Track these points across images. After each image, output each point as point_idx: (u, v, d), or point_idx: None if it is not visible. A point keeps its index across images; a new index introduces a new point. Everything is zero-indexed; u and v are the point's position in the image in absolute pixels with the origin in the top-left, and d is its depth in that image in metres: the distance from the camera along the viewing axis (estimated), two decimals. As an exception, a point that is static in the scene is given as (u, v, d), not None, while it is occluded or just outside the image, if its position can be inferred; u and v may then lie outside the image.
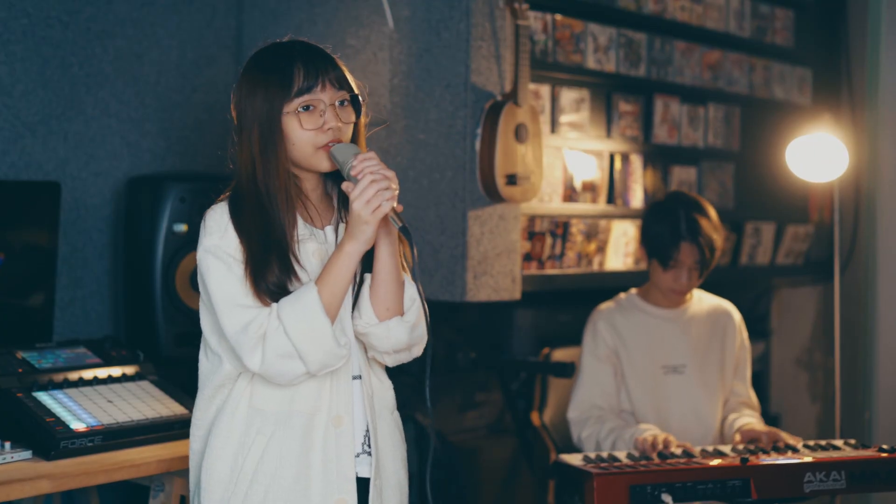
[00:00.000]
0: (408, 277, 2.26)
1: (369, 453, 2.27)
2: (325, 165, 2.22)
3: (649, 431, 3.16)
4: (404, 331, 2.23)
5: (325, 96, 2.20)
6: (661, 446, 3.06)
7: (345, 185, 2.17)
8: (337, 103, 2.22)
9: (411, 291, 2.24)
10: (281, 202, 2.19)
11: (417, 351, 2.30)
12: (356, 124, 2.27)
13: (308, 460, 2.20)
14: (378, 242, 2.20)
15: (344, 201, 2.28)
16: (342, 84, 2.23)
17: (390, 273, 2.20)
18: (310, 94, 2.19)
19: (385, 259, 2.20)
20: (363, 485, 2.25)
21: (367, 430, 2.27)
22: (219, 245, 2.20)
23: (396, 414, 2.38)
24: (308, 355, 2.15)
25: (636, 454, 3.05)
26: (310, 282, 2.17)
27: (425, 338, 2.30)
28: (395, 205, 2.14)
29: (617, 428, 3.26)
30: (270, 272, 2.17)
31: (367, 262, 2.24)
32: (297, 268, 2.20)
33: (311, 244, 2.25)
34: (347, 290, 2.19)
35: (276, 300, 2.17)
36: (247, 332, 2.15)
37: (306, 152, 2.21)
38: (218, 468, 2.24)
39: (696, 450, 3.08)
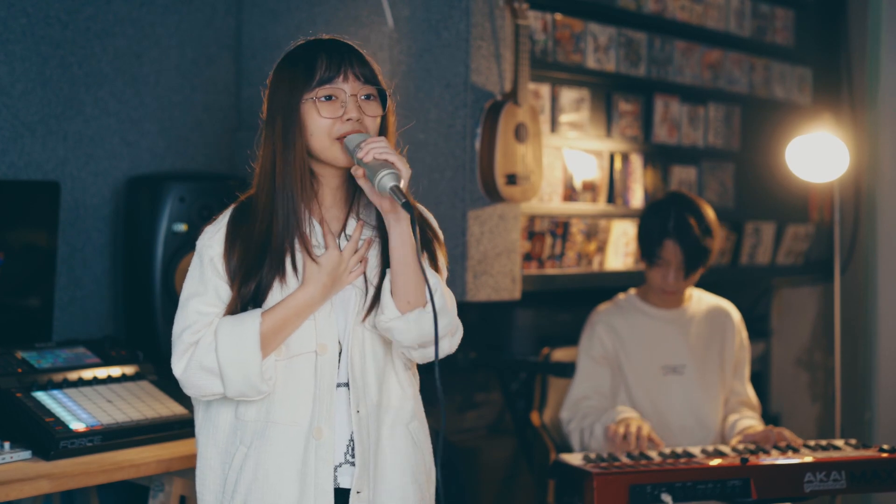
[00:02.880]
0: (430, 269, 2.20)
1: (353, 463, 2.21)
2: (342, 160, 2.18)
3: (622, 415, 3.13)
4: (427, 322, 2.16)
5: (347, 87, 2.17)
6: (633, 442, 3.04)
7: (354, 169, 2.15)
8: (361, 96, 2.19)
9: (433, 280, 2.17)
10: (297, 194, 2.17)
11: (448, 346, 2.23)
12: (385, 121, 2.24)
13: (285, 472, 2.17)
14: (389, 231, 2.16)
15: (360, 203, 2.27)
16: (368, 79, 2.20)
17: (405, 264, 2.16)
18: (331, 84, 2.17)
19: (397, 249, 2.16)
20: (347, 495, 2.21)
21: (352, 439, 2.21)
22: (206, 245, 2.21)
23: (415, 425, 2.30)
24: (229, 380, 2.14)
25: (646, 451, 3.04)
26: (257, 310, 2.15)
27: (458, 334, 2.26)
28: (400, 183, 2.09)
29: (597, 417, 3.25)
30: (258, 272, 2.16)
31: (388, 257, 2.20)
32: (289, 271, 2.18)
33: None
34: (292, 331, 2.18)
35: (253, 307, 2.17)
36: (182, 336, 2.16)
37: (324, 143, 2.17)
38: (209, 477, 2.24)
39: (696, 449, 3.08)
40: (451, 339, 2.25)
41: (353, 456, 2.21)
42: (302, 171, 2.18)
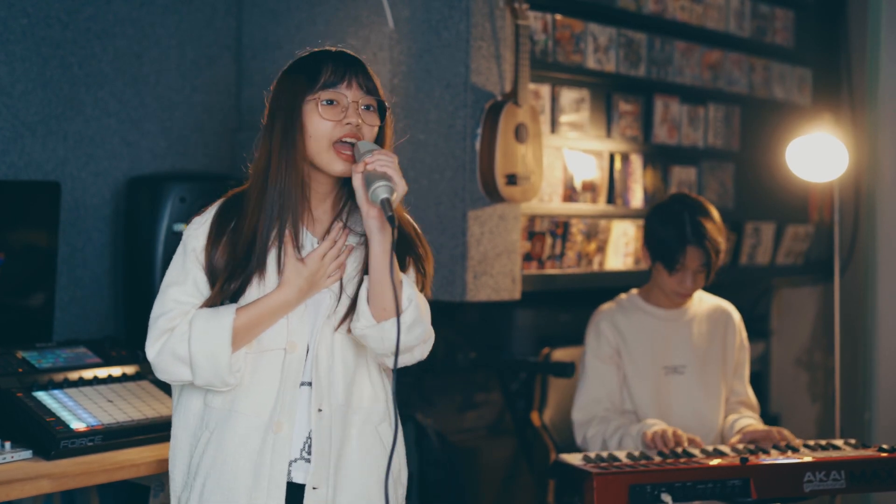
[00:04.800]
0: (407, 279, 2.25)
1: (308, 459, 2.26)
2: (337, 167, 2.23)
3: (658, 426, 3.15)
4: (401, 332, 2.19)
5: (349, 93, 2.23)
6: (672, 442, 3.06)
7: (355, 167, 2.20)
8: (362, 105, 2.24)
9: (409, 292, 2.22)
10: (291, 192, 2.21)
11: (419, 353, 2.29)
12: (383, 134, 2.29)
13: (241, 460, 2.23)
14: (371, 238, 2.20)
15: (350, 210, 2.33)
16: (370, 90, 2.26)
17: (383, 272, 2.19)
18: (334, 88, 2.22)
19: (378, 255, 2.20)
20: (301, 490, 2.25)
21: (309, 437, 2.26)
22: (191, 235, 2.29)
23: (385, 427, 2.33)
24: (199, 369, 2.21)
25: (647, 452, 3.04)
26: (232, 305, 2.22)
27: (429, 341, 2.30)
28: (392, 197, 2.15)
29: (623, 425, 3.25)
30: (244, 269, 2.22)
31: (366, 263, 2.25)
32: (269, 268, 2.23)
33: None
34: (264, 329, 2.24)
35: (233, 301, 2.23)
36: (158, 322, 2.24)
37: (321, 146, 2.22)
38: (179, 457, 2.32)
39: (696, 449, 3.08)
40: (424, 346, 2.30)
41: (309, 453, 2.26)
42: (297, 171, 2.23)
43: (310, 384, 2.26)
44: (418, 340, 2.25)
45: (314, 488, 2.24)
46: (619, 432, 3.24)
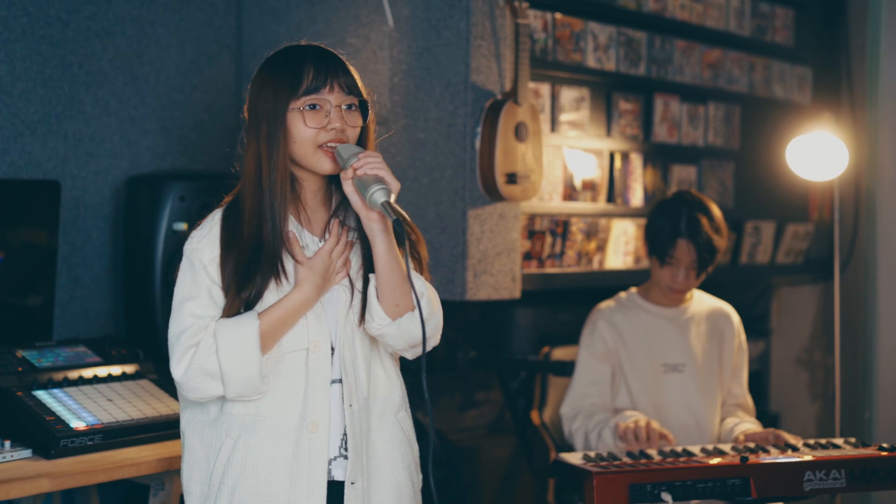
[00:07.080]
0: (416, 274, 2.26)
1: (346, 456, 2.26)
2: (325, 166, 2.24)
3: (632, 418, 3.15)
4: (418, 325, 2.22)
5: (332, 97, 2.22)
6: (644, 434, 3.05)
7: (343, 174, 2.20)
8: (344, 107, 2.23)
9: (419, 285, 2.23)
10: (277, 200, 2.21)
11: (435, 341, 2.31)
12: (365, 130, 2.28)
13: (275, 464, 2.21)
14: (374, 240, 2.21)
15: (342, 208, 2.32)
16: (352, 89, 2.25)
17: (393, 270, 2.21)
18: (317, 93, 2.21)
19: (383, 255, 2.21)
20: (341, 488, 2.25)
21: (345, 434, 2.26)
22: (196, 248, 2.25)
23: (403, 415, 2.36)
24: (230, 380, 2.17)
25: (622, 446, 3.04)
26: (253, 311, 2.20)
27: (440, 327, 2.32)
28: (391, 199, 2.15)
29: (603, 420, 3.26)
30: (255, 276, 2.20)
31: (371, 263, 2.25)
32: (282, 274, 2.22)
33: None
34: (287, 330, 2.22)
35: (248, 309, 2.20)
36: (180, 339, 2.19)
37: (307, 150, 2.22)
38: (195, 470, 2.28)
39: (696, 448, 3.08)
40: (437, 335, 2.32)
41: (346, 450, 2.25)
42: (286, 176, 2.23)
43: (339, 381, 2.26)
44: (436, 330, 2.28)
45: (352, 483, 2.24)
46: (600, 426, 3.25)
